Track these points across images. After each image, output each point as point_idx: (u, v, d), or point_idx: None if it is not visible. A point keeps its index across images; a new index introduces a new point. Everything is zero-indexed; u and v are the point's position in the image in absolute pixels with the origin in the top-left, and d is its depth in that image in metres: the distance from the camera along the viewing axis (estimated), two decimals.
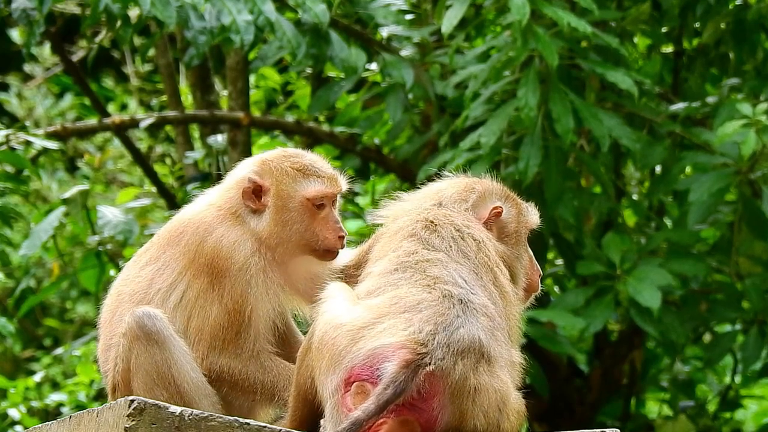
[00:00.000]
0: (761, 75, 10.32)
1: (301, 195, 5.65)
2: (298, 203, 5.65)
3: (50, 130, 11.13)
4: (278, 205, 5.64)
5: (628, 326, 10.75)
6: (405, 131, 10.98)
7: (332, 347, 5.10)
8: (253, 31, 9.26)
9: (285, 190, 5.65)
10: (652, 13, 10.27)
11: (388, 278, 5.28)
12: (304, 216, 5.65)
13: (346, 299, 5.25)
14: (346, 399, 5.04)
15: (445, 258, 5.33)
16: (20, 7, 9.32)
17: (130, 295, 5.62)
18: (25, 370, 14.88)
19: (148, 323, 5.47)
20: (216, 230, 5.61)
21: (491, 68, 9.55)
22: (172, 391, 5.47)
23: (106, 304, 5.73)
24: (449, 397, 5.01)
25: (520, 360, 5.33)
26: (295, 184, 5.66)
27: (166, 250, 5.65)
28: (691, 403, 11.63)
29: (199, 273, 5.57)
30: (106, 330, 5.68)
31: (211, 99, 11.82)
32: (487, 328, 5.14)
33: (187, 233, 5.63)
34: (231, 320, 5.54)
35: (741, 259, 10.20)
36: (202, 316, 5.56)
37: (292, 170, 5.67)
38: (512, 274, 5.58)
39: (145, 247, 5.76)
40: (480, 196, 5.66)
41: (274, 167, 5.68)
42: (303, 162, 5.70)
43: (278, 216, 5.64)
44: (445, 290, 5.18)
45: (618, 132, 9.45)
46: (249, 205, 5.66)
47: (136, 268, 5.69)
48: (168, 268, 5.61)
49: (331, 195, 5.69)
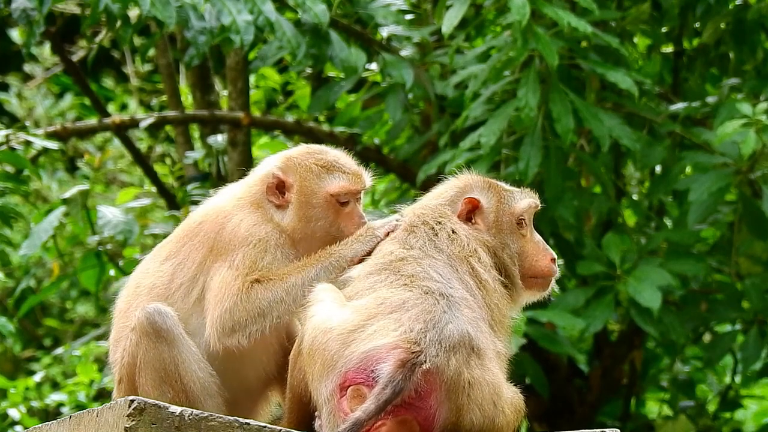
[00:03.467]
0: (761, 75, 10.32)
1: (325, 191, 5.63)
2: (322, 199, 5.63)
3: (50, 130, 11.13)
4: (302, 201, 5.62)
5: (628, 326, 10.75)
6: (405, 131, 10.98)
7: (324, 352, 5.09)
8: (253, 31, 9.26)
9: (309, 186, 5.63)
10: (652, 13, 10.27)
11: (365, 282, 5.29)
12: (328, 212, 5.64)
13: (334, 301, 5.24)
14: (343, 404, 5.04)
15: (419, 254, 5.34)
16: (20, 7, 9.32)
17: (149, 288, 5.60)
18: (25, 370, 14.88)
19: (158, 320, 5.46)
20: (235, 216, 5.59)
21: (491, 68, 9.55)
22: (178, 389, 5.47)
23: (122, 296, 5.71)
24: (445, 394, 5.02)
25: (505, 349, 5.32)
26: (319, 181, 5.64)
27: (185, 243, 5.63)
28: (691, 403, 11.63)
29: (217, 257, 5.54)
30: (119, 321, 5.66)
31: (211, 99, 11.83)
32: (471, 320, 5.16)
33: (206, 223, 5.61)
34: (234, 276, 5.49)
35: (741, 259, 10.20)
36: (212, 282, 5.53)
37: (316, 167, 5.65)
38: (502, 263, 5.57)
39: (165, 241, 5.73)
40: (458, 191, 5.65)
41: (298, 163, 5.66)
42: (327, 158, 5.69)
43: (302, 212, 5.62)
44: (423, 287, 5.19)
45: (618, 132, 9.45)
46: (272, 201, 5.63)
47: (157, 262, 5.65)
48: (188, 261, 5.58)
49: (355, 191, 5.68)
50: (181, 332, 5.49)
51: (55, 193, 14.84)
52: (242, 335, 5.45)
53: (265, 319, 5.46)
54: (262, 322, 5.46)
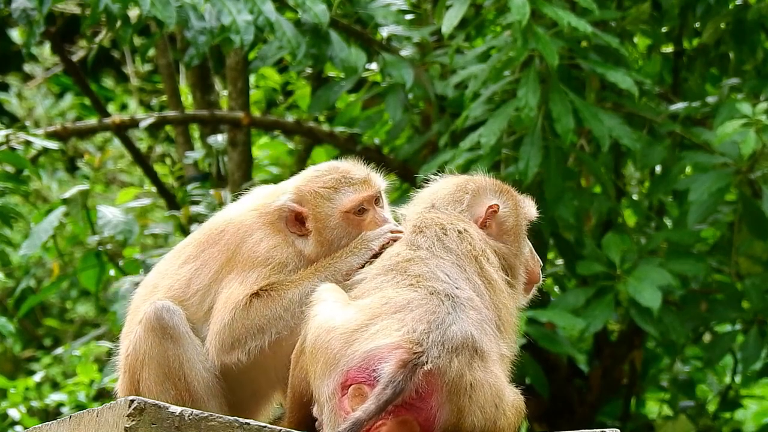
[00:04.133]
0: (761, 75, 10.32)
1: (338, 211, 5.61)
2: (339, 219, 5.61)
3: (50, 130, 11.13)
4: (319, 228, 5.60)
5: (628, 326, 10.75)
6: (405, 131, 10.98)
7: (326, 351, 5.09)
8: (253, 31, 9.26)
9: (323, 212, 5.61)
10: (652, 13, 10.27)
11: (372, 282, 5.29)
12: (349, 228, 5.62)
13: (337, 301, 5.25)
14: (344, 402, 5.04)
15: (426, 255, 5.34)
16: (20, 7, 9.32)
17: (166, 289, 5.60)
18: (25, 370, 14.88)
19: (166, 317, 5.47)
20: (256, 233, 5.58)
21: (491, 68, 9.55)
22: (181, 387, 5.47)
23: (138, 293, 5.72)
24: (447, 395, 5.02)
25: (510, 351, 5.33)
26: (330, 203, 5.62)
27: (205, 249, 5.62)
28: (691, 403, 11.63)
29: (231, 269, 5.53)
30: (132, 317, 5.66)
31: (211, 99, 11.83)
32: (476, 321, 5.15)
33: (228, 233, 5.60)
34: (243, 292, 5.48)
35: (741, 259, 10.20)
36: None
37: (325, 190, 5.63)
38: (512, 269, 5.57)
39: (185, 242, 5.74)
40: (474, 194, 5.65)
41: (308, 192, 5.63)
42: (333, 177, 5.66)
43: (323, 237, 5.59)
44: (429, 287, 5.19)
45: (618, 132, 9.45)
46: (295, 232, 5.61)
47: (176, 264, 5.66)
48: (206, 267, 5.58)
49: (368, 198, 5.66)
50: (187, 330, 5.49)
51: (55, 193, 14.84)
52: (242, 352, 5.46)
53: (264, 335, 5.46)
54: (262, 338, 5.47)
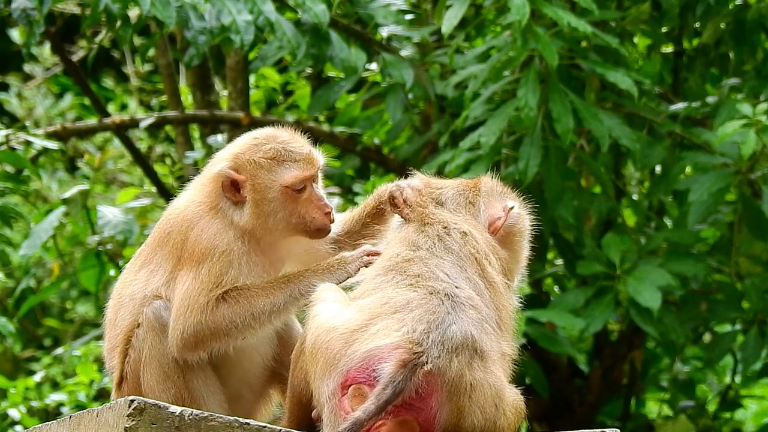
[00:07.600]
0: (761, 75, 10.32)
1: (278, 184, 5.57)
2: (278, 192, 5.57)
3: (50, 130, 11.13)
4: (257, 198, 5.56)
5: (628, 326, 10.75)
6: (405, 131, 10.98)
7: (326, 351, 5.10)
8: (253, 31, 9.26)
9: (261, 182, 5.56)
10: (652, 13, 10.27)
11: (372, 283, 5.29)
12: (286, 203, 5.57)
13: (337, 301, 5.25)
14: (344, 402, 5.04)
15: (426, 255, 5.33)
16: (20, 7, 9.32)
17: (130, 297, 5.62)
18: (25, 370, 14.87)
19: (165, 315, 5.50)
20: (197, 224, 5.55)
21: (491, 68, 9.55)
22: (180, 386, 5.49)
23: (109, 305, 5.74)
24: (446, 395, 5.02)
25: (511, 351, 5.33)
26: (270, 174, 5.57)
27: (157, 252, 5.63)
28: (691, 403, 11.63)
29: (183, 265, 5.53)
30: (110, 331, 5.68)
31: (211, 99, 11.83)
32: (476, 321, 5.15)
33: (174, 232, 5.59)
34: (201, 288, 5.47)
35: (741, 259, 10.20)
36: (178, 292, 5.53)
37: (265, 160, 5.58)
38: (510, 272, 5.56)
39: (141, 248, 5.75)
40: (487, 195, 5.63)
41: (246, 160, 5.58)
42: (275, 148, 5.61)
43: (259, 208, 5.55)
44: (429, 287, 5.18)
45: (618, 132, 9.45)
46: (229, 197, 5.57)
47: (133, 270, 5.68)
48: (161, 269, 5.59)
49: (309, 177, 5.60)
50: None
51: (55, 193, 14.83)
52: (203, 351, 5.47)
53: (229, 338, 5.47)
54: (227, 341, 5.48)
